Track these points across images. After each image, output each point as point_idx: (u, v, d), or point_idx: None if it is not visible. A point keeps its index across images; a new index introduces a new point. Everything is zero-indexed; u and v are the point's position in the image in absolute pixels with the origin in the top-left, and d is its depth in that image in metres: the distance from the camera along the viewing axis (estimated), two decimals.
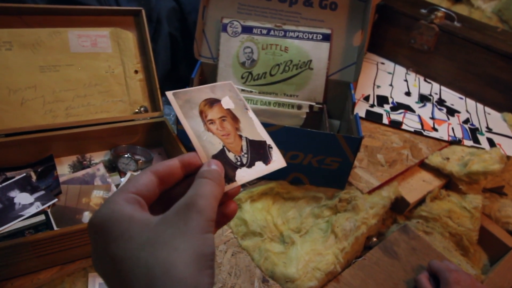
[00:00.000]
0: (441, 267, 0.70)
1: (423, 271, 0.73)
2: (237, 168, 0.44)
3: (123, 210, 0.31)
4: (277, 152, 0.50)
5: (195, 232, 0.30)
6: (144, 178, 0.35)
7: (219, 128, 0.46)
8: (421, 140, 1.04)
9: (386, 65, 1.37)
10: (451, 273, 0.68)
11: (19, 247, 0.57)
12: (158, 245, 0.29)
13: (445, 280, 0.67)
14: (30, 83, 0.79)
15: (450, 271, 0.68)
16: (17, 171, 0.76)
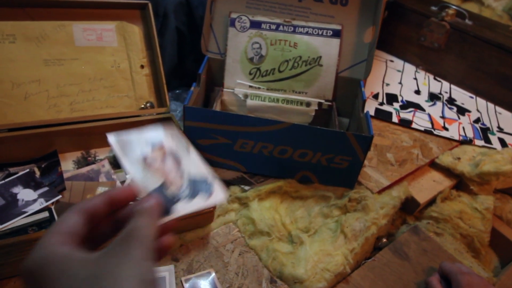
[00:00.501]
0: (453, 269, 0.68)
1: (434, 273, 0.71)
2: (175, 202, 0.44)
3: (59, 250, 0.31)
4: (218, 187, 0.50)
5: (137, 259, 0.31)
6: (72, 218, 0.34)
7: (160, 166, 0.47)
8: (431, 139, 1.02)
9: (395, 62, 1.35)
10: (463, 275, 0.66)
11: (22, 245, 0.56)
12: (101, 276, 0.29)
13: (457, 282, 0.65)
14: (34, 77, 0.77)
15: (462, 273, 0.66)
16: (20, 166, 0.74)
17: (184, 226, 0.70)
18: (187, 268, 0.66)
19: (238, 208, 0.78)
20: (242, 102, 0.93)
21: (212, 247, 0.70)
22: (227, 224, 0.75)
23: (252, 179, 0.83)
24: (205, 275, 0.65)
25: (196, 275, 0.65)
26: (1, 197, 0.67)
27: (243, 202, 0.78)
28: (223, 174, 0.84)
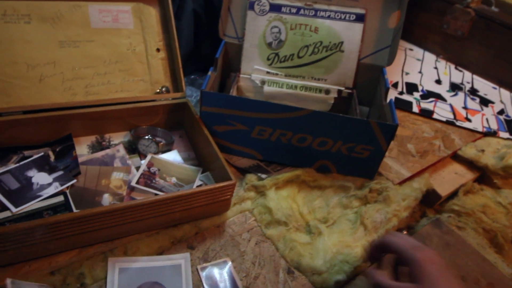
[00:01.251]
0: (402, 245, 0.53)
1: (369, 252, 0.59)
2: None
3: None
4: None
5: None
6: None
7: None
8: (453, 131, 0.99)
9: (414, 51, 1.31)
10: (418, 251, 0.51)
11: (37, 228, 0.55)
12: None
13: (412, 260, 0.51)
14: (49, 59, 0.76)
15: (416, 248, 0.52)
16: (34, 150, 0.73)
17: (200, 214, 0.68)
18: (203, 256, 0.65)
19: (255, 196, 0.76)
20: (259, 89, 0.91)
21: (228, 236, 0.69)
22: (243, 212, 0.73)
23: (269, 167, 0.81)
24: (221, 264, 0.64)
25: (212, 264, 0.63)
26: (16, 180, 0.66)
27: (259, 191, 0.76)
28: (238, 162, 0.82)
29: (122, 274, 0.59)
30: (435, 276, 0.48)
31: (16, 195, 0.63)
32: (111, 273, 0.59)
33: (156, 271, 0.60)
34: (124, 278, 0.58)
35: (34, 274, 0.57)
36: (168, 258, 0.62)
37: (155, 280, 0.59)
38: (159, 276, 0.60)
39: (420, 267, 0.49)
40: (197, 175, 0.75)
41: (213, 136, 0.77)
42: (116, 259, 0.60)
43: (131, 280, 0.58)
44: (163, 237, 0.66)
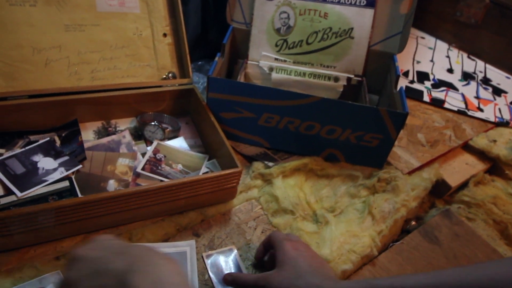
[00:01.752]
0: (277, 236, 0.58)
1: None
2: None
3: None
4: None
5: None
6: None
7: None
8: (465, 120, 0.97)
9: (426, 39, 1.28)
10: (288, 240, 0.57)
11: (42, 213, 0.54)
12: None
13: (279, 247, 0.56)
14: (55, 43, 0.75)
15: (287, 239, 0.58)
16: (40, 134, 0.72)
17: (206, 201, 0.68)
18: (209, 244, 0.64)
19: (261, 184, 0.75)
20: (266, 76, 0.89)
21: (234, 224, 0.68)
22: (249, 200, 0.72)
23: (276, 155, 0.80)
24: (226, 251, 0.63)
25: (217, 251, 0.63)
26: (22, 164, 0.65)
27: (266, 179, 0.75)
28: (245, 150, 0.81)
29: None
30: (295, 259, 0.53)
31: (21, 180, 0.63)
32: None
33: None
34: None
35: (39, 259, 0.57)
36: (173, 245, 0.62)
37: None
38: None
39: (284, 252, 0.54)
40: (203, 162, 0.74)
41: (220, 123, 0.76)
42: None
43: None
44: (168, 224, 0.65)
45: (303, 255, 0.54)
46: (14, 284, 0.52)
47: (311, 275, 0.51)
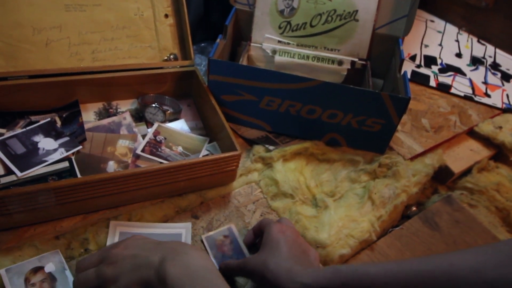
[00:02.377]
0: (266, 221, 0.60)
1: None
2: None
3: None
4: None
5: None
6: None
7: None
8: (471, 106, 0.95)
9: (436, 23, 1.25)
10: (275, 223, 0.58)
11: (41, 193, 0.55)
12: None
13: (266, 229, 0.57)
14: (55, 23, 0.74)
15: (275, 222, 0.59)
16: (41, 115, 0.73)
17: (206, 184, 0.68)
18: (207, 226, 0.64)
19: (262, 168, 0.75)
20: (270, 58, 0.88)
21: (233, 207, 0.68)
22: (249, 184, 0.72)
23: (277, 139, 0.80)
24: (225, 230, 0.63)
25: (215, 232, 0.63)
26: (22, 144, 0.66)
27: (266, 162, 0.75)
28: (247, 133, 0.80)
29: (122, 237, 0.58)
30: (277, 241, 0.53)
31: (22, 160, 0.63)
32: (111, 235, 0.59)
33: (156, 238, 0.59)
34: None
35: (39, 238, 0.57)
36: (169, 226, 0.62)
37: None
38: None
39: (269, 234, 0.55)
40: (204, 145, 0.74)
41: (222, 105, 0.75)
42: (118, 222, 0.61)
43: None
44: (167, 205, 0.66)
45: (287, 239, 0.54)
46: (14, 262, 0.53)
47: (287, 259, 0.51)
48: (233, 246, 0.62)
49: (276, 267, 0.50)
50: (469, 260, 0.40)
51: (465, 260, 0.41)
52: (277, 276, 0.49)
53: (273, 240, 0.54)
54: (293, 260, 0.51)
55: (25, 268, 0.52)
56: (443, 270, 0.40)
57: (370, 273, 0.46)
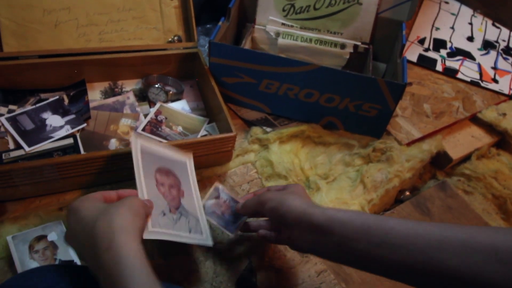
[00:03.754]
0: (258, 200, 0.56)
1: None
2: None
3: (91, 198, 0.48)
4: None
5: (129, 201, 0.46)
6: (95, 193, 0.50)
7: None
8: (476, 92, 0.94)
9: (450, 4, 1.22)
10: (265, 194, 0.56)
11: (46, 167, 0.59)
12: (108, 207, 0.45)
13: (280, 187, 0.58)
14: (64, 4, 0.77)
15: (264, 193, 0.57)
16: (50, 93, 0.77)
17: (202, 163, 0.71)
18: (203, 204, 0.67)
19: (258, 149, 0.77)
20: (273, 41, 0.89)
21: (228, 186, 0.71)
22: (245, 164, 0.75)
23: (276, 121, 0.82)
24: (213, 193, 0.62)
25: (206, 200, 0.62)
26: (31, 121, 0.70)
27: (263, 144, 0.77)
28: (246, 114, 0.83)
29: (143, 151, 0.55)
30: (292, 187, 0.56)
31: (30, 135, 0.67)
32: (135, 147, 0.54)
33: (168, 161, 0.59)
34: (145, 155, 0.55)
35: (44, 209, 0.62)
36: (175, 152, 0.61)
37: (170, 169, 0.58)
38: (172, 166, 0.59)
39: (284, 186, 0.59)
40: (203, 125, 0.76)
41: (223, 87, 0.77)
42: (139, 134, 0.59)
43: (151, 159, 0.56)
44: None
45: (300, 188, 0.57)
46: (20, 230, 0.58)
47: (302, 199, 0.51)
48: (229, 203, 0.61)
49: (293, 199, 0.50)
50: (489, 235, 0.39)
51: (484, 235, 0.39)
52: (296, 205, 0.49)
53: (288, 186, 0.57)
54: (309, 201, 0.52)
55: (29, 236, 0.57)
56: (461, 240, 0.39)
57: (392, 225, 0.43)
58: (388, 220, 0.43)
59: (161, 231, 0.50)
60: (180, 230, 0.54)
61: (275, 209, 0.51)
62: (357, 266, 0.46)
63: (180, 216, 0.55)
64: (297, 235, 0.49)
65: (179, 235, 0.53)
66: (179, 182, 0.59)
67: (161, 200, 0.53)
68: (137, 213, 0.45)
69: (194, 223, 0.57)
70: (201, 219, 0.59)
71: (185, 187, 0.59)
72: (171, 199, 0.55)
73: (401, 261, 0.41)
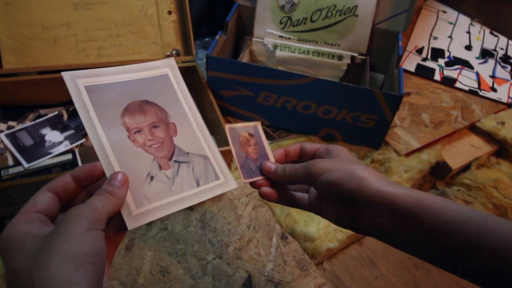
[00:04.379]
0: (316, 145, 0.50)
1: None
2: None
3: (20, 228, 0.33)
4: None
5: (73, 233, 0.31)
6: (41, 197, 0.36)
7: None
8: (475, 101, 0.94)
9: (448, 14, 1.23)
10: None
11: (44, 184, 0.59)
12: (42, 251, 0.31)
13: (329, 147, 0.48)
14: (63, 21, 0.78)
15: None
16: (50, 108, 0.77)
17: None
18: (200, 218, 0.68)
19: None
20: (271, 53, 0.90)
21: (227, 199, 0.71)
22: None
23: (275, 133, 0.82)
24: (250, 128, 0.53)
25: (240, 126, 0.53)
26: (31, 137, 0.70)
27: None
28: None
29: (92, 93, 0.40)
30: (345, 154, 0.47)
31: (29, 151, 0.68)
32: (75, 94, 0.40)
33: (138, 86, 0.42)
34: (97, 98, 0.39)
35: None
36: (148, 67, 0.44)
37: (143, 99, 0.41)
38: (145, 92, 0.41)
39: (336, 150, 0.47)
40: None
41: (221, 100, 0.78)
42: (73, 73, 0.42)
43: (109, 99, 0.39)
44: None
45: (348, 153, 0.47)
46: None
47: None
48: (259, 150, 0.52)
49: (365, 172, 0.41)
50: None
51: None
52: (373, 181, 0.40)
53: (342, 151, 0.47)
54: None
55: None
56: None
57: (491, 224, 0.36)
58: (487, 219, 0.35)
59: (153, 206, 0.36)
60: (182, 190, 0.38)
61: (337, 184, 0.41)
62: (442, 266, 0.38)
63: (178, 166, 0.39)
64: (369, 217, 0.40)
65: (182, 199, 0.37)
66: (165, 113, 0.41)
67: (142, 157, 0.37)
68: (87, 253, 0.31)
69: (202, 167, 0.41)
70: (211, 155, 0.42)
71: (175, 116, 0.42)
72: (157, 147, 0.39)
73: (499, 270, 0.34)
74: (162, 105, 0.41)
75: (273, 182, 0.50)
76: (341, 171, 0.42)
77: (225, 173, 0.42)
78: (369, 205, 0.40)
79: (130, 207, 0.35)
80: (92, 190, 0.38)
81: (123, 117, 0.39)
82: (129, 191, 0.36)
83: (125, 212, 0.35)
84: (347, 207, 0.43)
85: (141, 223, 0.35)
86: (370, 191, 0.40)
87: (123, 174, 0.36)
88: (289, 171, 0.47)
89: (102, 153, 0.36)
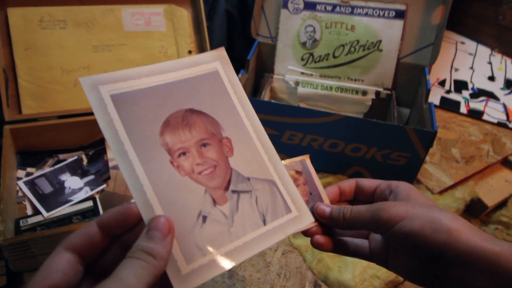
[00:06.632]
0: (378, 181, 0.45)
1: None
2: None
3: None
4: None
5: None
6: (57, 262, 0.29)
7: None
8: (505, 134, 0.91)
9: (466, 45, 1.21)
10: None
11: (65, 236, 0.56)
12: None
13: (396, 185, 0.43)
14: (83, 63, 0.77)
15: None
16: (69, 153, 0.75)
17: None
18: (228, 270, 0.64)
19: None
20: (292, 90, 0.88)
21: None
22: None
23: None
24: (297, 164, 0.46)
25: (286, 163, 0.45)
26: (50, 184, 0.68)
27: None
28: None
29: (121, 105, 0.31)
30: (418, 196, 0.40)
31: (48, 199, 0.65)
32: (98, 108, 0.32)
33: (180, 90, 0.33)
34: (127, 112, 0.31)
35: None
36: (192, 62, 0.34)
37: (187, 107, 0.32)
38: (189, 98, 0.32)
39: (404, 189, 0.41)
40: None
41: None
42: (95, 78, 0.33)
43: (143, 112, 0.31)
44: None
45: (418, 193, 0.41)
46: None
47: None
48: (309, 189, 0.44)
49: (455, 223, 0.35)
50: None
51: None
52: (467, 236, 0.34)
53: (415, 194, 0.40)
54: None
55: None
56: None
57: None
58: None
59: (208, 259, 0.26)
60: (245, 232, 0.28)
61: (420, 236, 0.34)
62: None
63: (237, 198, 0.30)
64: (460, 276, 0.34)
65: (246, 246, 0.28)
66: (217, 124, 0.32)
67: (191, 190, 0.28)
68: None
69: (268, 196, 0.32)
70: (278, 179, 0.33)
71: (230, 128, 0.32)
72: (209, 174, 0.30)
73: None
74: (212, 114, 0.32)
75: (324, 227, 0.43)
76: (423, 220, 0.35)
77: (298, 204, 0.33)
78: (462, 263, 0.34)
79: (178, 263, 0.26)
80: (127, 242, 0.30)
81: (162, 136, 0.30)
82: (176, 240, 0.27)
83: (171, 271, 0.26)
84: (430, 263, 0.36)
85: (194, 285, 0.25)
86: (464, 247, 0.33)
87: (166, 219, 0.27)
88: (350, 215, 0.39)
89: (138, 189, 0.27)
